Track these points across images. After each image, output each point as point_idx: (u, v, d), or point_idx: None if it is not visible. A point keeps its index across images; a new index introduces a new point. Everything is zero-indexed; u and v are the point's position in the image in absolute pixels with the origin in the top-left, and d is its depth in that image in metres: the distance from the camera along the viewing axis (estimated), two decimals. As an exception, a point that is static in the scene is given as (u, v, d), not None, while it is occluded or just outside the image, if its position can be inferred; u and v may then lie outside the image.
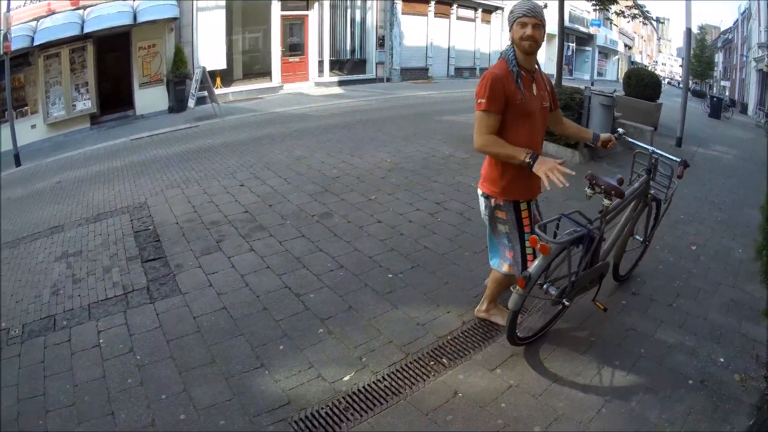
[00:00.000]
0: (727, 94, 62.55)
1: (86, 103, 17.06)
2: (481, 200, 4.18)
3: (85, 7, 16.55)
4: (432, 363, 4.13)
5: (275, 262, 5.74)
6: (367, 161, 9.90)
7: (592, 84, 38.87)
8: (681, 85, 16.64)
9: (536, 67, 4.04)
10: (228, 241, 6.39)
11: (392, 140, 12.04)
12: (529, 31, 3.75)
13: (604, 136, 4.67)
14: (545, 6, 13.61)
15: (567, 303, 4.24)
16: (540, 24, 3.79)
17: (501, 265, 4.30)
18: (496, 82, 3.71)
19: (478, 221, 4.74)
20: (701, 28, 71.52)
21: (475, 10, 33.40)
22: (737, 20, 60.87)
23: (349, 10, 26.27)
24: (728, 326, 4.93)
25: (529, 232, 4.06)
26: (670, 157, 5.05)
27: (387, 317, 4.73)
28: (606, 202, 4.17)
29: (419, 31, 29.17)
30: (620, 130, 5.19)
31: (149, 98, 18.49)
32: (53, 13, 15.95)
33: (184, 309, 4.88)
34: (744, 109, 46.22)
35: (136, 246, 6.47)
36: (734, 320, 5.08)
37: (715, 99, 32.52)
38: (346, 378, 3.99)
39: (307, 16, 23.90)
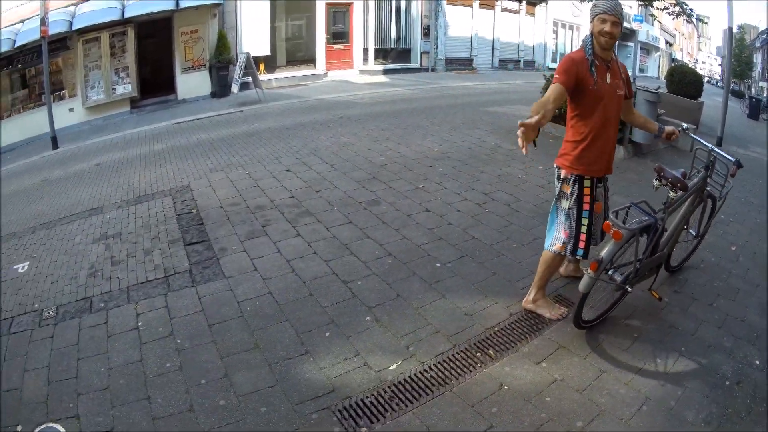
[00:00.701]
0: (765, 95, 61.83)
1: (127, 87, 17.22)
2: (556, 174, 4.41)
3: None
4: (479, 354, 4.11)
5: (322, 247, 5.68)
6: (414, 149, 9.80)
7: (634, 80, 38.53)
8: (720, 84, 16.45)
9: (613, 57, 4.28)
10: (274, 225, 6.31)
11: (438, 129, 11.92)
12: (607, 27, 4.01)
13: (668, 128, 4.83)
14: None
15: (629, 289, 4.30)
16: (618, 22, 4.06)
17: (553, 243, 4.42)
18: (570, 63, 3.99)
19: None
20: (741, 27, 70.62)
21: (520, 2, 33.19)
22: None
23: (394, 1, 26.10)
24: (765, 329, 4.86)
25: (587, 209, 4.28)
26: (727, 156, 5.06)
27: (434, 306, 4.69)
28: (671, 194, 4.38)
29: (464, 22, 28.99)
30: (685, 125, 5.25)
31: (191, 83, 18.58)
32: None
33: (227, 293, 4.81)
34: None
35: (178, 229, 6.41)
36: None
37: (754, 99, 32.20)
38: (393, 367, 3.96)
39: (352, 4, 23.85)
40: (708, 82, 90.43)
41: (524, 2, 33.29)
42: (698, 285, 5.62)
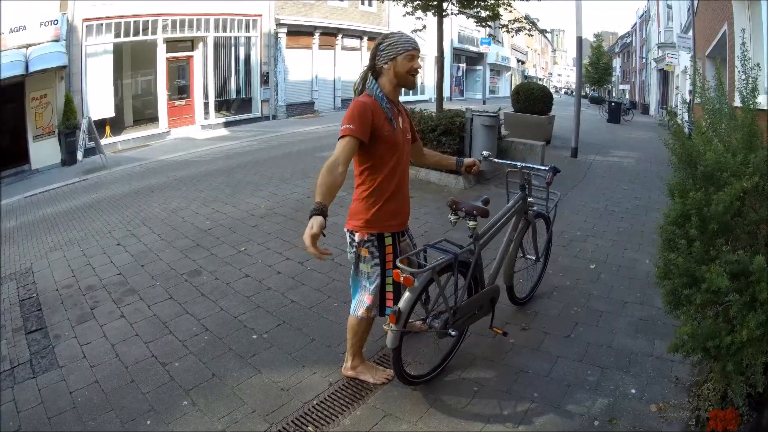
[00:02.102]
0: (627, 97, 64.87)
1: (-19, 160, 16.64)
2: (348, 239, 4.07)
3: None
4: None
5: (143, 328, 5.70)
6: (241, 209, 10.00)
7: (484, 102, 39.89)
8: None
9: (400, 104, 4.08)
10: (101, 307, 6.34)
11: (269, 183, 12.23)
12: (418, 63, 3.85)
13: (467, 160, 4.76)
14: (424, 27, 14.14)
15: (453, 333, 4.11)
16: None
17: (357, 309, 4.13)
18: (364, 109, 3.67)
19: (348, 265, 4.56)
20: (597, 35, 73.02)
21: (361, 38, 33.95)
22: (635, 24, 63.88)
23: (233, 48, 26.65)
24: (638, 350, 4.81)
25: (391, 268, 3.92)
26: (540, 167, 5.19)
27: (250, 384, 4.57)
28: (471, 224, 4.21)
29: (304, 65, 29.68)
30: (484, 152, 5.30)
31: (43, 151, 18.40)
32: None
33: (61, 384, 4.82)
34: (646, 110, 48.64)
35: (21, 316, 6.41)
36: (645, 342, 4.97)
37: (613, 104, 33.67)
38: (209, 456, 3.87)
39: (192, 57, 24.17)
40: (566, 93, 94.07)
41: (365, 38, 33.90)
42: (551, 317, 5.53)
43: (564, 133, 17.94)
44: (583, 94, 28.42)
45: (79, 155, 18.12)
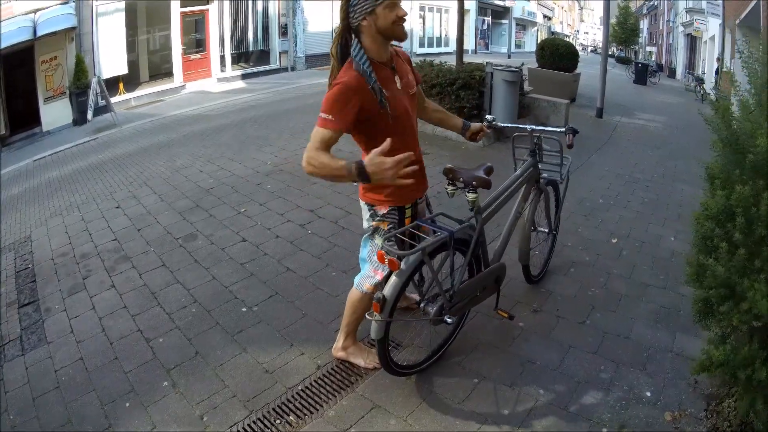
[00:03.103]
0: (653, 59, 63.91)
1: (-5, 126, 16.52)
2: (364, 211, 3.65)
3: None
4: (278, 422, 3.63)
5: (132, 300, 5.45)
6: (247, 165, 9.72)
7: (509, 56, 39.89)
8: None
9: (392, 50, 3.51)
10: (93, 276, 6.12)
11: (278, 138, 11.91)
12: (402, 10, 3.24)
13: (474, 125, 4.20)
14: None
15: (449, 321, 3.66)
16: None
17: (362, 282, 3.74)
18: (349, 94, 3.14)
19: (354, 229, 4.20)
20: None
21: None
22: None
23: (250, 1, 26.03)
24: (657, 343, 4.37)
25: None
26: (553, 129, 4.64)
27: (234, 364, 4.30)
28: (471, 196, 3.70)
29: (323, 16, 28.69)
30: (488, 117, 4.58)
31: (54, 113, 18.18)
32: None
33: (48, 361, 4.65)
34: (672, 74, 47.70)
35: (15, 289, 6.22)
36: (665, 334, 4.52)
37: (639, 65, 33.24)
38: (185, 443, 3.64)
39: (207, 10, 23.60)
40: (593, 51, 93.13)
41: None
42: (566, 297, 5.10)
43: (589, 91, 17.40)
44: (610, 53, 28.21)
45: (89, 115, 17.91)
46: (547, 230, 5.20)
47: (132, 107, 19.84)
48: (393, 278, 3.38)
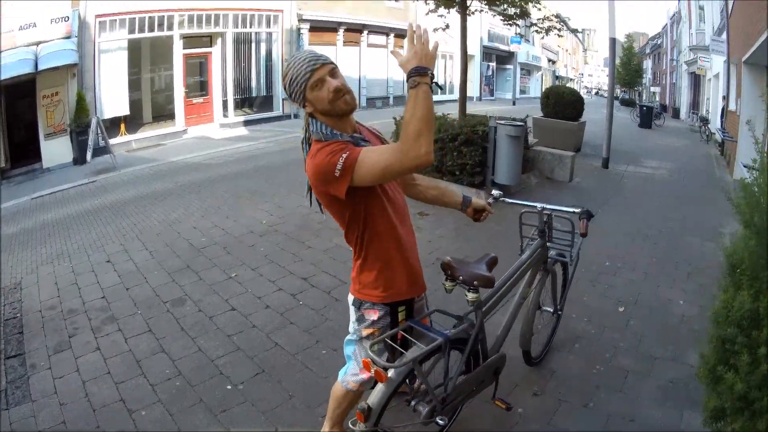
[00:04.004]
0: (657, 99, 64.93)
1: (-5, 158, 16.55)
2: (351, 312, 3.29)
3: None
4: None
5: (116, 366, 5.35)
6: (242, 224, 9.61)
7: (514, 103, 40.07)
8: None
9: (358, 124, 3.11)
10: (80, 336, 6.03)
11: (276, 193, 11.83)
12: (333, 82, 2.81)
13: (476, 202, 3.73)
14: (447, 27, 13.38)
15: (440, 422, 3.24)
16: (336, 67, 2.91)
17: (347, 379, 3.41)
18: (344, 147, 2.74)
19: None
20: (628, 36, 72.70)
21: (387, 35, 33.42)
22: (666, 24, 63.39)
23: (254, 44, 26.23)
24: (665, 425, 4.14)
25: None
26: (567, 209, 4.29)
27: None
28: (471, 296, 3.39)
29: None
30: (495, 192, 4.37)
31: (55, 150, 18.22)
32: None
33: (31, 420, 4.56)
34: (676, 114, 48.49)
35: (2, 338, 6.14)
36: (673, 412, 4.28)
37: (644, 108, 33.20)
38: None
39: (210, 53, 23.86)
40: (597, 94, 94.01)
41: (392, 35, 33.47)
42: (569, 377, 4.83)
43: (594, 139, 17.48)
44: (614, 96, 28.18)
45: (89, 156, 17.93)
46: (551, 310, 4.93)
47: (133, 149, 19.92)
48: (380, 386, 3.04)
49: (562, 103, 16.59)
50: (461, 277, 3.40)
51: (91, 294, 7.15)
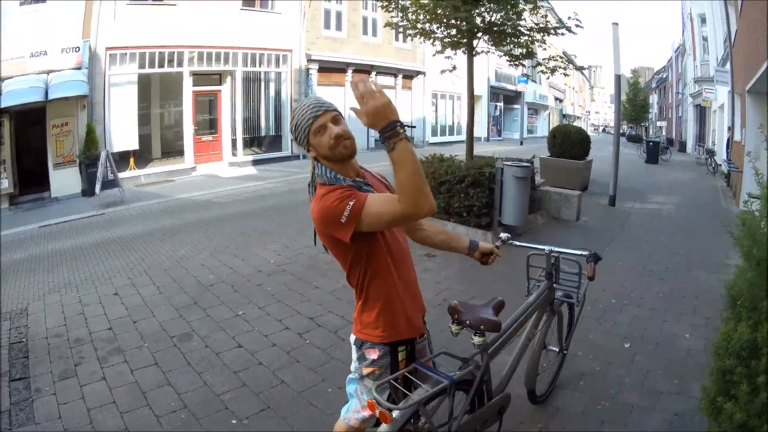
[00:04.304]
0: (664, 134, 65.29)
1: (4, 182, 16.97)
2: (353, 351, 3.31)
3: (2, 79, 16.54)
4: None
5: (122, 396, 5.37)
6: (250, 263, 9.62)
7: (521, 143, 40.27)
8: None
9: (362, 169, 3.19)
10: (85, 365, 6.07)
11: (284, 233, 11.83)
12: (334, 129, 2.89)
13: (483, 246, 3.72)
14: (454, 68, 13.64)
15: None
16: (339, 114, 3.00)
17: (349, 417, 3.39)
18: (349, 192, 2.80)
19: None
20: (634, 71, 73.27)
21: (395, 76, 33.65)
22: (671, 58, 63.44)
23: (263, 83, 26.29)
24: None
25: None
26: (574, 251, 4.32)
27: None
28: (477, 340, 3.44)
29: (336, 103, 28.26)
30: (503, 235, 4.35)
31: (64, 180, 18.34)
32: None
33: None
34: (683, 147, 48.47)
35: (8, 360, 6.22)
36: None
37: (650, 143, 33.38)
38: None
39: (219, 91, 23.95)
40: (604, 131, 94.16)
41: (400, 76, 33.79)
42: (574, 415, 4.82)
43: (602, 176, 17.55)
44: (621, 132, 27.89)
45: (98, 188, 17.99)
46: (557, 349, 4.91)
47: (142, 184, 20.05)
48: (384, 427, 3.00)
49: (569, 142, 16.81)
50: (468, 321, 3.41)
51: (98, 325, 7.20)
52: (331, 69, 29.00)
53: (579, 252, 4.30)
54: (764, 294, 2.65)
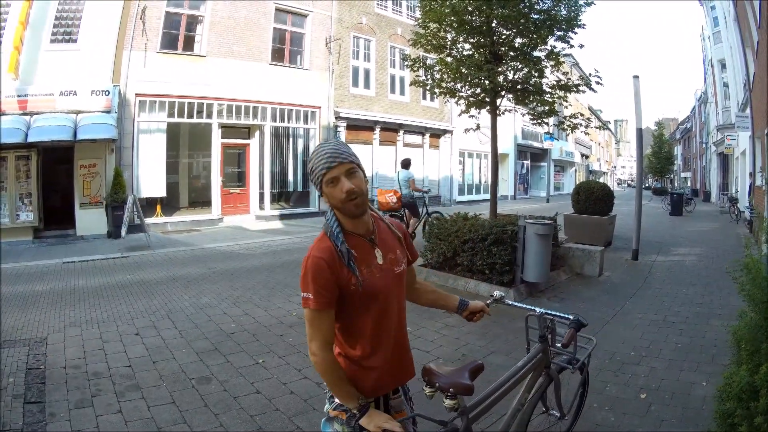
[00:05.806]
0: (689, 185, 65.19)
1: (29, 216, 17.31)
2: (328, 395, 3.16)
3: (32, 113, 16.92)
4: None
5: (137, 429, 5.38)
6: (272, 314, 9.58)
7: (548, 201, 40.45)
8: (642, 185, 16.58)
9: (373, 222, 3.10)
10: (102, 397, 6.09)
11: None
12: (347, 184, 2.82)
13: (473, 304, 3.68)
14: (478, 128, 13.83)
15: None
16: (356, 166, 2.91)
17: None
18: (323, 269, 2.82)
19: None
20: (658, 123, 73.66)
21: (423, 135, 33.92)
22: (694, 107, 63.72)
23: (291, 139, 26.58)
24: None
25: None
26: (561, 315, 4.14)
27: None
28: (448, 403, 3.24)
29: (364, 160, 28.03)
30: (496, 293, 4.18)
31: (89, 220, 18.66)
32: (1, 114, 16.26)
33: None
34: (707, 197, 49.02)
35: (24, 384, 6.29)
36: None
37: (675, 195, 33.48)
38: None
39: (248, 145, 24.27)
40: (628, 185, 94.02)
41: (428, 135, 34.05)
42: None
43: (626, 231, 17.70)
44: (645, 185, 27.21)
45: (123, 231, 18.09)
46: (558, 415, 4.58)
47: (168, 231, 20.29)
48: None
49: (593, 198, 16.93)
50: (437, 384, 3.25)
51: (117, 362, 7.22)
52: (359, 127, 29.31)
53: (565, 316, 4.14)
54: (765, 336, 2.75)
